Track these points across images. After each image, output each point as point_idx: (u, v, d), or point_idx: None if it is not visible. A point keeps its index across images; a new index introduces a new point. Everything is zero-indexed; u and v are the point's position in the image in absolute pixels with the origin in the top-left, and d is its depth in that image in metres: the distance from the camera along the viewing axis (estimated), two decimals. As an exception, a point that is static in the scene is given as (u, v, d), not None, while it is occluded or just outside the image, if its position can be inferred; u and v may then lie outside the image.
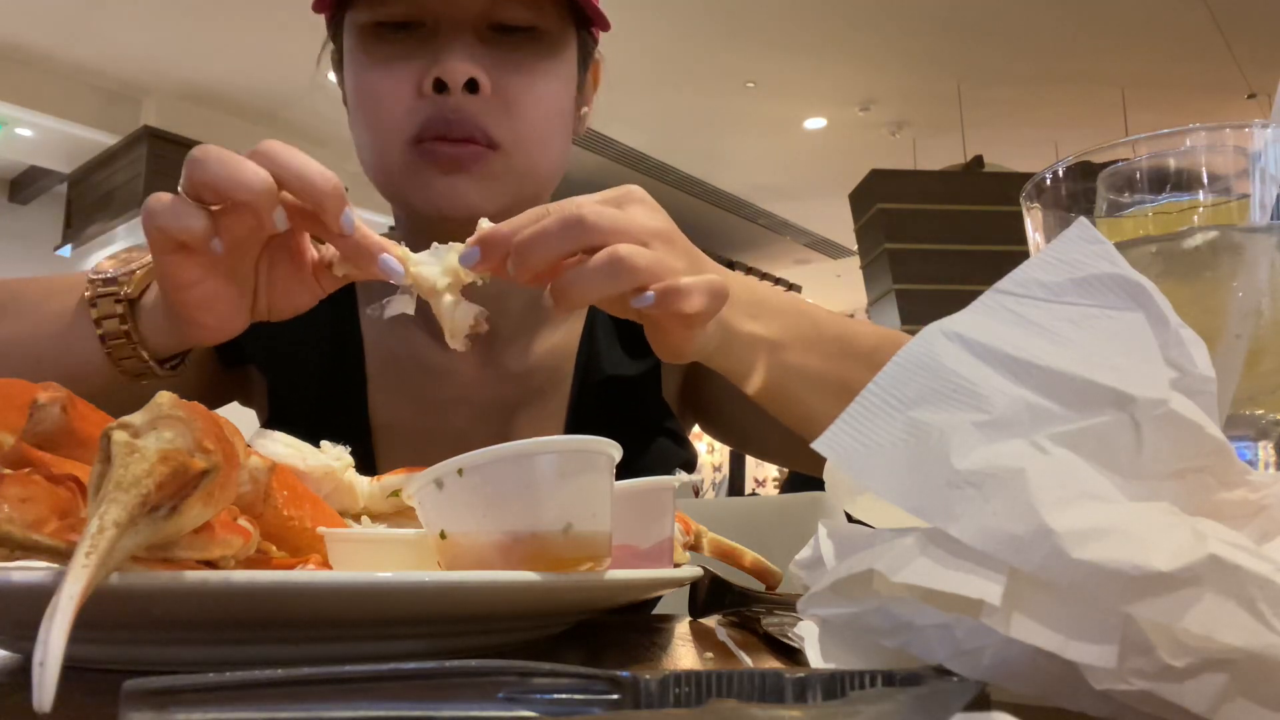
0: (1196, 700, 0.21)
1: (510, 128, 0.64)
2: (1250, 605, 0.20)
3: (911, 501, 0.23)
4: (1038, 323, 0.25)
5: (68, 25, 4.51)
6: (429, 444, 0.76)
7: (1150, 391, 0.24)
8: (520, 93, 0.64)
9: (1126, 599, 0.20)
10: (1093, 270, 0.26)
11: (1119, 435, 0.23)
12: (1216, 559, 0.20)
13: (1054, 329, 0.25)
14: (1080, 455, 0.23)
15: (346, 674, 0.20)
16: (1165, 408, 0.23)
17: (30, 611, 0.23)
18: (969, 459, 0.23)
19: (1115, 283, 0.26)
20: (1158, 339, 0.25)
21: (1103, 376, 0.24)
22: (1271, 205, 0.37)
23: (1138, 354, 0.25)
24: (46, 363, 0.57)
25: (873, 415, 0.25)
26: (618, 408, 0.78)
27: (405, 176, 0.65)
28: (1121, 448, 0.23)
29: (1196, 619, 0.20)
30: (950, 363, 0.25)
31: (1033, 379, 0.24)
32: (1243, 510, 0.25)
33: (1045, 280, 0.26)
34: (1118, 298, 0.26)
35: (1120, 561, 0.20)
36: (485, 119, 0.63)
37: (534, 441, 0.36)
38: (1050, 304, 0.26)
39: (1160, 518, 0.22)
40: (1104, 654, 0.21)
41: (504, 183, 0.65)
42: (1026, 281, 0.26)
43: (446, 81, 0.62)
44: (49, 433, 0.34)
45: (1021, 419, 0.24)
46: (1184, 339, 0.25)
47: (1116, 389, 0.24)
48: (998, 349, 0.25)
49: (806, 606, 0.27)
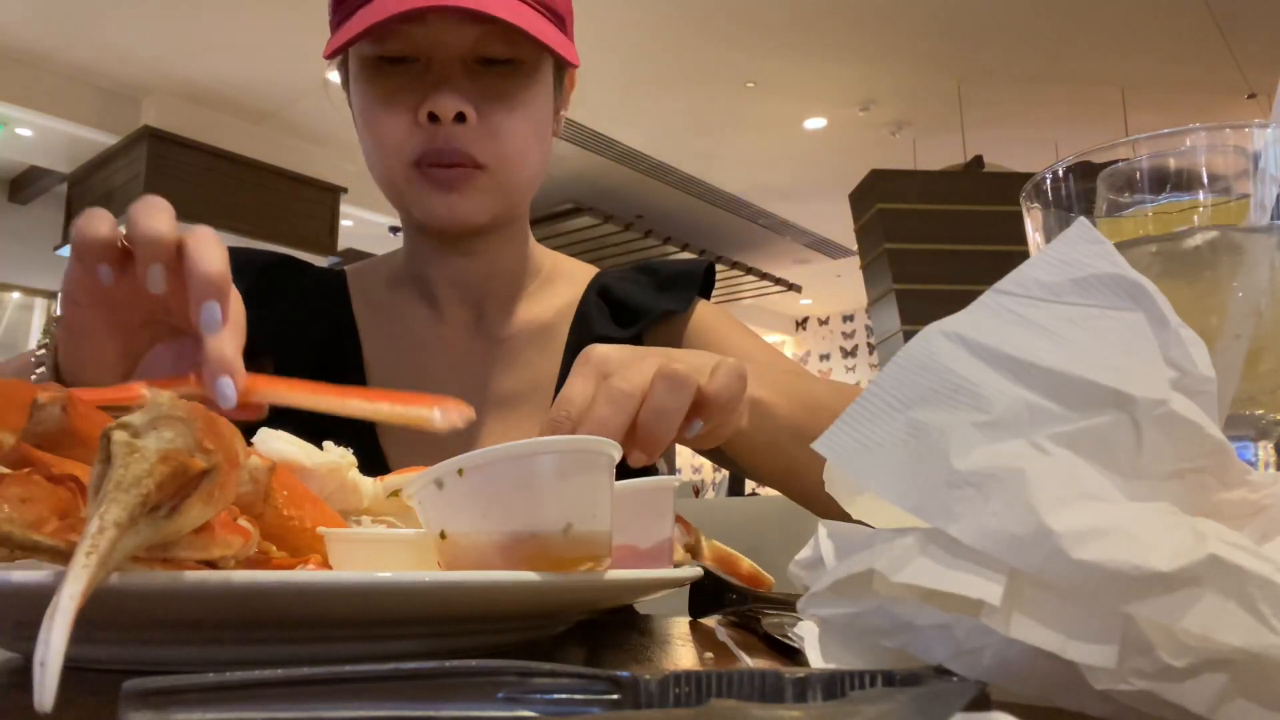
0: (1196, 700, 0.21)
1: (495, 151, 0.74)
2: (1250, 605, 0.20)
3: (911, 501, 0.23)
4: (1038, 323, 0.25)
5: (68, 25, 4.51)
6: None
7: (1150, 391, 0.24)
8: (502, 120, 0.74)
9: (1126, 599, 0.20)
10: (1092, 270, 0.26)
11: (1119, 435, 0.23)
12: (1216, 559, 0.20)
13: (1054, 329, 0.25)
14: (1080, 455, 0.23)
15: (346, 674, 0.20)
16: (1165, 408, 0.23)
17: (30, 611, 0.23)
18: (969, 459, 0.23)
19: (1115, 283, 0.26)
20: (1157, 339, 0.25)
21: (1103, 377, 0.24)
22: (1271, 205, 0.37)
23: (1138, 354, 0.25)
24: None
25: (873, 415, 0.25)
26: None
27: (409, 192, 0.76)
28: (1121, 448, 0.23)
29: (1196, 619, 0.20)
30: (950, 363, 0.25)
31: (1033, 379, 0.24)
32: (1243, 510, 0.25)
33: (1045, 280, 0.26)
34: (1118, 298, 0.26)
35: (1120, 562, 0.20)
36: (473, 146, 0.73)
37: (534, 441, 0.36)
38: (1050, 304, 0.26)
39: (1160, 518, 0.22)
40: (1104, 654, 0.21)
41: (492, 196, 0.76)
42: (1026, 281, 0.26)
43: (438, 115, 0.71)
44: (49, 433, 0.34)
45: (1021, 419, 0.24)
46: (1184, 339, 0.25)
47: (1116, 389, 0.24)
48: (997, 349, 0.25)
49: (806, 606, 0.27)
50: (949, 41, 4.78)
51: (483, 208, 0.76)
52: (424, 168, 0.74)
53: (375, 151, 0.76)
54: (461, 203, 0.75)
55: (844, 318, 10.12)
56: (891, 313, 5.27)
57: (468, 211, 0.75)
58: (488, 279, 0.85)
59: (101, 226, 0.47)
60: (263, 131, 5.54)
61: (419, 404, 0.47)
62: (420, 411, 0.47)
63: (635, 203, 6.68)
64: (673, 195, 6.66)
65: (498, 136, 0.74)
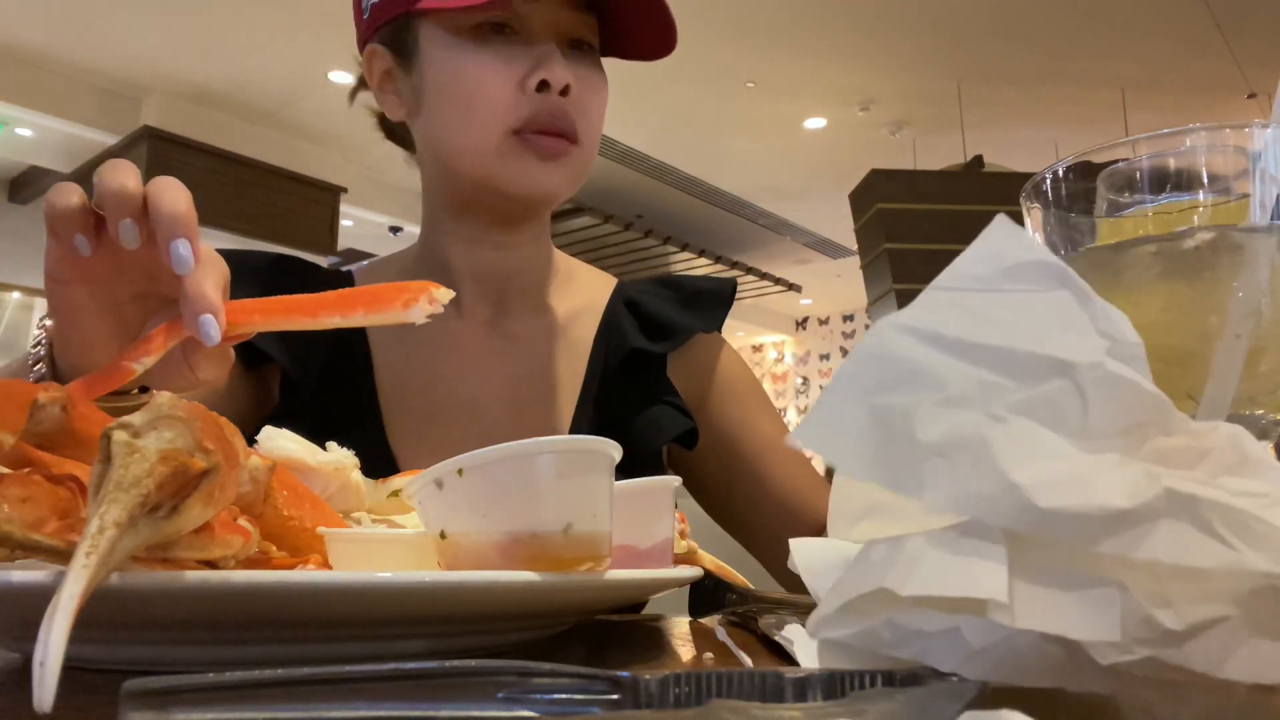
0: (1200, 660, 0.22)
1: (585, 127, 0.78)
2: (1209, 529, 0.22)
3: (885, 477, 0.25)
4: (976, 310, 0.27)
5: (68, 25, 4.51)
6: (438, 413, 0.81)
7: (1088, 357, 0.25)
8: (590, 100, 0.78)
9: (1096, 538, 0.22)
10: (1017, 259, 0.28)
11: (1066, 400, 0.25)
12: (1172, 491, 0.22)
13: (992, 314, 0.27)
14: (1035, 420, 0.25)
15: (346, 674, 0.20)
16: (1103, 369, 0.25)
17: (30, 611, 0.23)
18: (933, 432, 0.25)
19: (1039, 268, 0.27)
20: (1086, 313, 0.27)
21: (1044, 348, 0.26)
22: (1271, 205, 0.37)
23: (1072, 329, 0.26)
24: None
25: (837, 406, 0.26)
26: (632, 382, 0.83)
27: (503, 161, 0.76)
28: (1070, 411, 0.25)
29: (1163, 548, 0.22)
30: (903, 352, 0.26)
31: (982, 358, 0.26)
32: (1188, 457, 0.26)
33: (976, 273, 0.28)
34: (1045, 281, 0.27)
35: (1084, 504, 0.22)
36: (574, 120, 0.76)
37: (534, 441, 0.36)
38: (985, 293, 0.27)
39: (1115, 465, 0.24)
40: (1107, 627, 0.22)
41: (575, 174, 0.79)
42: (960, 275, 0.28)
43: (551, 83, 0.74)
44: (49, 433, 0.34)
45: (976, 394, 0.25)
46: (1109, 312, 0.27)
47: (1058, 358, 0.25)
48: (945, 334, 0.26)
49: (818, 630, 0.27)
50: (949, 41, 4.78)
51: (567, 184, 0.78)
52: (526, 135, 0.75)
53: (469, 116, 0.76)
54: (555, 175, 0.77)
55: (844, 318, 10.12)
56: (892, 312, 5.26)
57: (557, 185, 0.77)
58: (513, 274, 0.85)
59: (72, 197, 0.46)
60: (263, 131, 5.54)
61: (392, 303, 0.46)
62: (394, 313, 0.46)
63: (635, 203, 6.68)
64: (673, 195, 6.66)
65: (587, 114, 0.78)
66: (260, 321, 0.46)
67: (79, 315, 0.50)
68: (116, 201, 0.45)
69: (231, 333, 0.46)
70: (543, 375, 0.84)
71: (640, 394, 0.83)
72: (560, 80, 0.74)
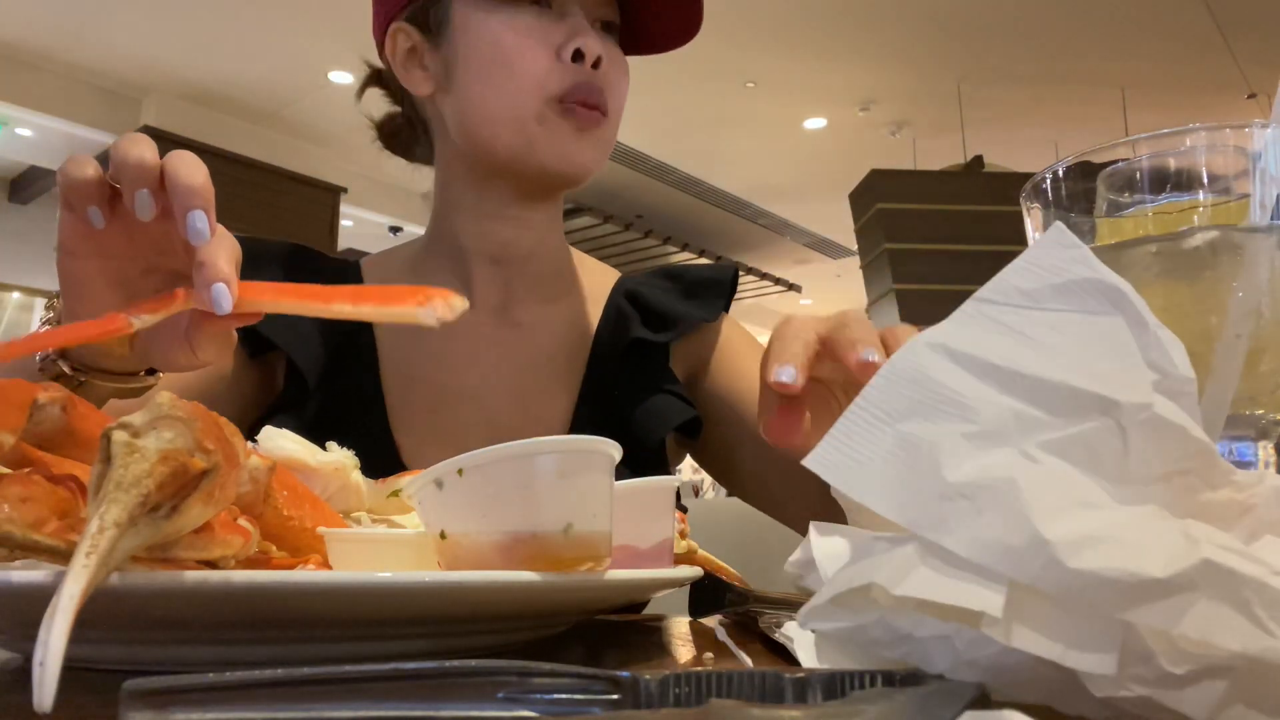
0: (1196, 707, 0.21)
1: (614, 104, 0.79)
2: (1245, 609, 0.20)
3: (905, 515, 0.23)
4: (1019, 330, 0.25)
5: (68, 25, 4.51)
6: (444, 400, 0.81)
7: (1134, 396, 0.24)
8: (618, 75, 0.80)
9: (1124, 607, 0.21)
10: (1071, 276, 0.26)
11: (1106, 441, 0.24)
12: (1210, 563, 0.21)
13: (1035, 336, 0.25)
14: (1069, 462, 0.23)
15: (346, 674, 0.20)
16: (1149, 412, 0.24)
17: (30, 611, 0.23)
18: (960, 470, 0.23)
19: (1094, 287, 0.26)
20: (1137, 342, 0.25)
21: (1087, 383, 0.24)
22: (1271, 205, 0.37)
23: (1119, 358, 0.25)
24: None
25: (861, 430, 0.25)
26: (635, 372, 0.83)
27: (542, 130, 0.76)
28: (1109, 453, 0.24)
29: (1193, 624, 0.20)
30: (935, 374, 0.25)
31: (1018, 387, 0.24)
32: (1230, 511, 0.25)
33: (1024, 287, 0.26)
34: (1097, 302, 0.26)
35: (1116, 570, 0.21)
36: (604, 92, 0.78)
37: (534, 441, 0.36)
38: (1030, 310, 0.26)
39: (1151, 523, 0.22)
40: (1104, 662, 0.21)
41: (605, 148, 0.80)
42: (1006, 289, 0.26)
43: (586, 53, 0.75)
44: (49, 433, 0.34)
45: (1009, 428, 0.24)
46: (1163, 341, 0.25)
47: (1101, 394, 0.24)
48: (982, 358, 0.25)
49: (807, 620, 0.27)
50: (949, 41, 4.78)
51: (598, 159, 0.79)
52: (567, 104, 0.76)
53: (508, 83, 0.76)
54: (590, 147, 0.78)
55: (844, 318, 10.10)
56: (892, 313, 5.26)
57: (591, 159, 0.78)
58: (528, 257, 0.85)
59: (87, 168, 0.46)
60: (263, 131, 5.54)
61: (405, 302, 0.45)
62: (407, 310, 0.45)
63: (635, 203, 6.68)
64: (673, 195, 6.66)
65: (615, 89, 0.79)
66: (270, 302, 0.46)
67: (88, 289, 0.49)
68: (134, 173, 0.45)
69: (241, 309, 0.45)
70: (547, 366, 0.84)
71: (643, 384, 0.83)
72: (594, 51, 0.75)
